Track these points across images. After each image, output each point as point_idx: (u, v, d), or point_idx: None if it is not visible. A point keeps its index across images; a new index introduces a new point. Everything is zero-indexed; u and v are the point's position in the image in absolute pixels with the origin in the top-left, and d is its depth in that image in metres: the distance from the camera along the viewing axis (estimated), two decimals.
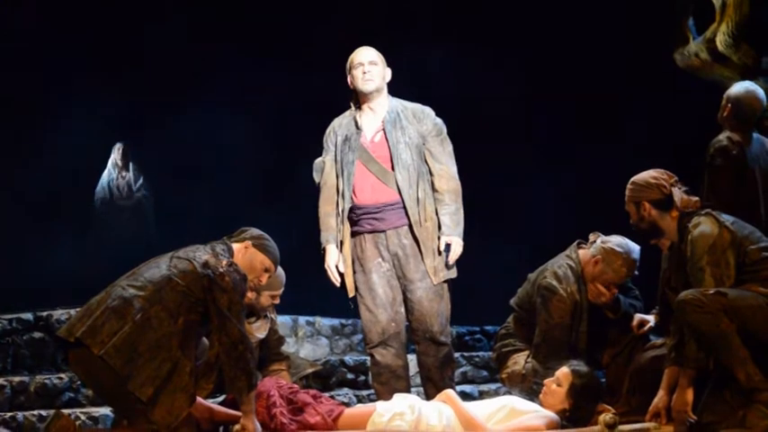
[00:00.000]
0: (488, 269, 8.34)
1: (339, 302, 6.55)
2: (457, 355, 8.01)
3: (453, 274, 6.29)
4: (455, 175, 6.31)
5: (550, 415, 5.45)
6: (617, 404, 5.65)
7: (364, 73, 6.26)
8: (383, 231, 6.23)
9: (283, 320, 8.15)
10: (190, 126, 9.01)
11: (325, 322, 8.69)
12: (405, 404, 5.46)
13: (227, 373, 5.02)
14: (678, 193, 5.39)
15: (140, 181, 9.56)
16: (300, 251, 6.98)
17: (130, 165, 9.54)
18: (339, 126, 6.36)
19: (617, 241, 5.94)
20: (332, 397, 6.13)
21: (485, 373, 8.51)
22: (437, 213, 6.24)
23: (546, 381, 5.59)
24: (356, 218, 6.26)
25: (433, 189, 6.26)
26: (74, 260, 8.56)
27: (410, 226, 6.21)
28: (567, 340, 5.93)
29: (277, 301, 6.00)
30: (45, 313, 7.84)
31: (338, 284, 6.28)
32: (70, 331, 4.89)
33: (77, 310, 5.12)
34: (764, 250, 5.20)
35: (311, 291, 8.07)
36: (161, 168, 9.39)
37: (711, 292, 5.07)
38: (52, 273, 8.49)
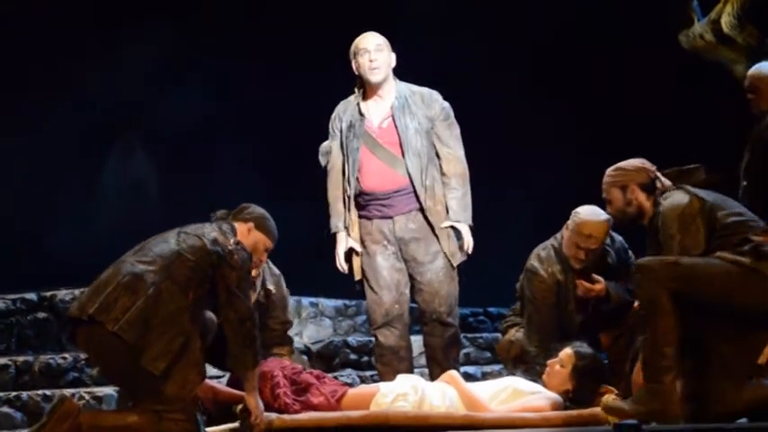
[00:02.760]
0: (492, 250, 8.34)
1: (342, 284, 6.56)
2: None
3: (465, 256, 6.30)
4: (463, 158, 6.29)
5: (553, 396, 5.47)
6: (619, 386, 5.68)
7: (371, 61, 6.20)
8: (391, 217, 6.22)
9: None
10: (191, 101, 9.00)
11: (328, 303, 8.68)
12: (408, 385, 5.48)
13: (233, 350, 5.00)
14: (662, 178, 5.40)
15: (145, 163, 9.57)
16: (305, 232, 6.98)
17: (136, 151, 9.55)
18: (344, 112, 6.34)
19: (582, 207, 5.97)
20: (335, 378, 6.14)
21: (488, 354, 8.52)
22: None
23: (549, 361, 5.62)
24: (364, 203, 6.25)
25: (441, 173, 6.26)
26: (78, 240, 8.55)
27: (420, 210, 6.20)
28: (555, 321, 5.97)
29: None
30: (49, 293, 7.84)
31: (346, 272, 6.29)
32: (82, 309, 4.87)
33: (82, 290, 5.12)
34: (735, 215, 5.15)
35: (314, 272, 8.08)
36: (160, 146, 9.37)
37: (669, 260, 5.02)
38: (56, 252, 8.48)
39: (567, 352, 5.58)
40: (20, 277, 8.15)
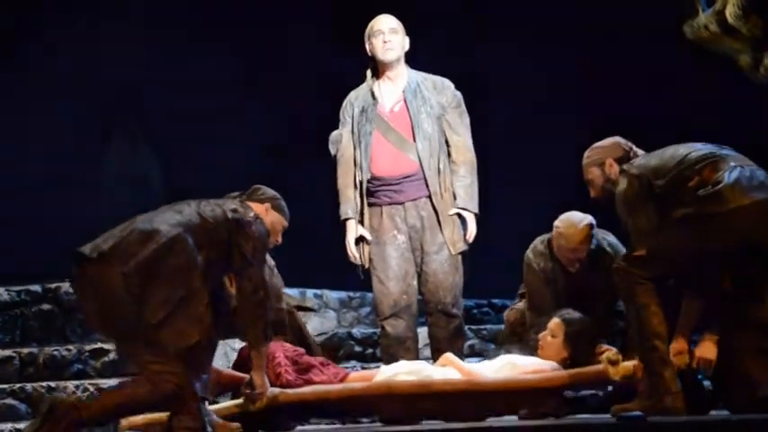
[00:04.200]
0: (497, 242, 8.33)
1: (347, 275, 6.54)
2: None
3: (466, 245, 6.29)
4: (471, 148, 6.30)
5: (553, 365, 5.46)
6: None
7: (385, 42, 6.24)
8: (401, 204, 6.22)
9: (291, 293, 8.15)
10: (194, 87, 9.03)
11: (332, 295, 8.67)
12: (409, 367, 5.49)
13: (245, 320, 5.02)
14: (638, 151, 5.45)
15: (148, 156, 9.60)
16: (310, 223, 6.97)
17: (139, 142, 9.56)
18: (356, 98, 6.35)
19: (561, 219, 6.01)
20: None
21: (492, 345, 8.47)
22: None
23: (540, 335, 5.61)
24: (374, 189, 6.24)
25: (450, 161, 6.26)
26: (83, 231, 8.55)
27: (429, 197, 6.20)
28: (550, 305, 5.98)
29: None
30: (53, 285, 7.86)
31: (357, 262, 6.27)
32: (94, 249, 4.85)
33: None
34: (669, 172, 5.17)
35: (319, 263, 8.08)
36: (164, 136, 9.38)
37: (635, 255, 5.13)
38: (61, 244, 8.48)
39: (555, 321, 5.60)
40: (24, 269, 8.16)
